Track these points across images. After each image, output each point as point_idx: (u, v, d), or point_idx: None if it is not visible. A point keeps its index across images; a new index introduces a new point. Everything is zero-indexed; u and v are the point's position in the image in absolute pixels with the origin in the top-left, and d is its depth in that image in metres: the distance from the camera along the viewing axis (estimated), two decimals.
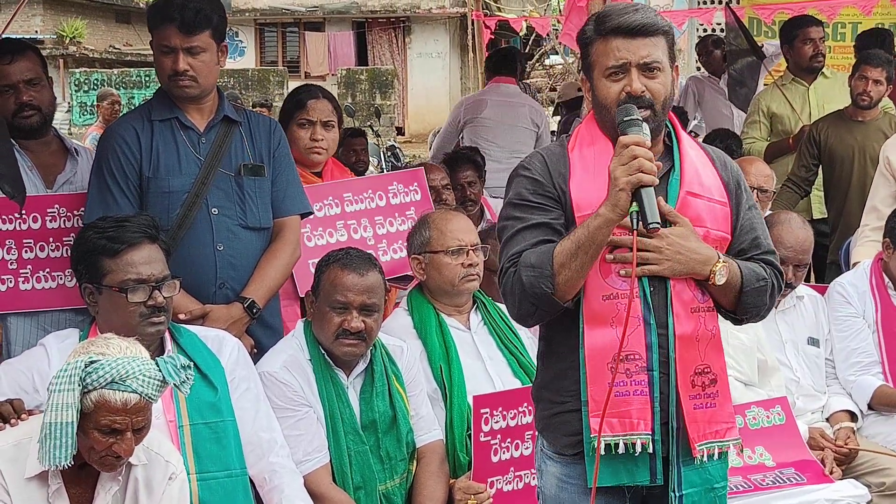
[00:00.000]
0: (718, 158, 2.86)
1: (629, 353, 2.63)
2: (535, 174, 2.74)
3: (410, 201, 4.76)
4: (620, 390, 2.64)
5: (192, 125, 3.79)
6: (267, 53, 26.96)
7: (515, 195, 2.75)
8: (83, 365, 2.67)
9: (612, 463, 2.66)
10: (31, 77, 3.86)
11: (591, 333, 2.66)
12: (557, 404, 2.77)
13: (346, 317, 3.54)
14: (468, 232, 4.05)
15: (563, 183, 2.71)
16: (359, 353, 3.61)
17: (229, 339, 3.48)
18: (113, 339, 2.81)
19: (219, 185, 3.77)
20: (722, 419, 2.76)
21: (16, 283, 3.80)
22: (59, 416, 2.65)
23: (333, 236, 4.48)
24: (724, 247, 2.76)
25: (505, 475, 3.69)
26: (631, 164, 2.49)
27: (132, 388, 2.68)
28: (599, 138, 2.74)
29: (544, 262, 2.60)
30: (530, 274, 2.61)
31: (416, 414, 3.73)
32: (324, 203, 4.46)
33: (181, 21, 3.65)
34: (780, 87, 6.79)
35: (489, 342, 4.02)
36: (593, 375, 2.65)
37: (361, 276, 3.58)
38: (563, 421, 2.75)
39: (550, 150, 2.84)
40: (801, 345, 4.47)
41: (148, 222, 3.32)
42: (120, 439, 2.71)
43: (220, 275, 3.75)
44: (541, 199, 2.71)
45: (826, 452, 4.09)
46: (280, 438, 3.42)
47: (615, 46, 2.66)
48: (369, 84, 22.25)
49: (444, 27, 25.27)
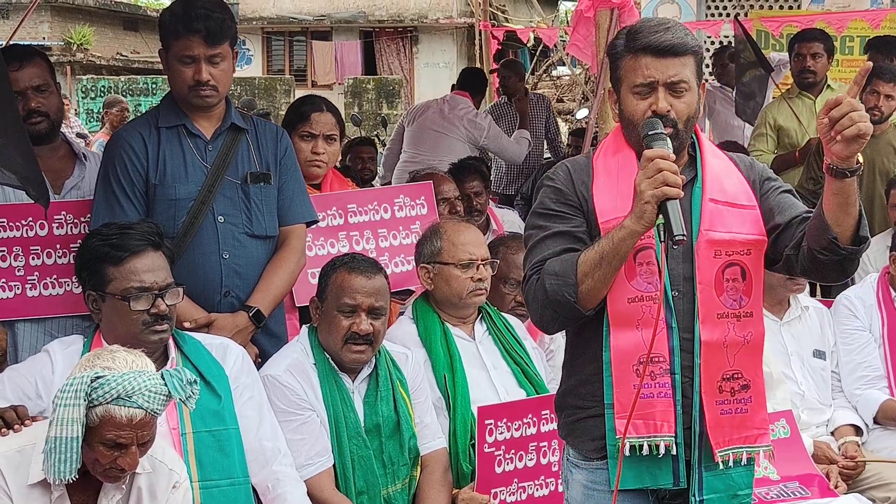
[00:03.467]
0: (743, 162, 2.88)
1: (653, 356, 2.65)
2: (558, 183, 2.79)
3: (416, 215, 4.74)
4: (645, 392, 2.66)
5: (200, 132, 3.79)
6: (274, 62, 26.99)
7: (539, 204, 2.80)
8: (89, 380, 2.66)
9: (636, 466, 2.68)
10: (40, 83, 3.87)
11: (616, 336, 2.68)
12: (581, 409, 2.79)
13: (354, 319, 3.54)
14: (479, 245, 4.05)
15: (585, 191, 2.75)
16: (366, 360, 3.61)
17: (233, 347, 3.47)
18: (119, 353, 2.81)
19: (225, 193, 3.76)
20: (754, 425, 2.77)
21: (23, 289, 3.81)
22: (65, 430, 2.65)
23: (335, 247, 4.47)
24: (760, 249, 2.75)
25: (509, 486, 3.68)
26: (656, 177, 2.51)
27: (138, 404, 2.68)
28: (623, 148, 2.77)
29: (568, 271, 2.63)
30: (553, 282, 2.64)
31: (420, 422, 3.72)
32: (327, 213, 4.44)
33: (206, 32, 3.64)
34: (788, 100, 6.79)
35: (494, 352, 4.01)
36: (619, 377, 2.67)
37: (369, 278, 3.59)
38: (588, 426, 2.77)
39: (576, 160, 2.88)
40: (807, 357, 4.46)
41: (152, 229, 3.31)
42: (124, 453, 2.71)
43: (225, 283, 3.75)
44: (563, 208, 2.75)
45: (831, 466, 4.08)
46: (283, 447, 3.42)
47: (644, 64, 2.68)
48: (376, 93, 22.24)
49: (451, 37, 25.30)
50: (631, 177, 2.62)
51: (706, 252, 2.69)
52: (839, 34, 8.45)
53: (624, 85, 2.73)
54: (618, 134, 2.82)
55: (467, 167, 5.93)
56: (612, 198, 2.69)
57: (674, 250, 2.69)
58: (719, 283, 2.70)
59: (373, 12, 25.59)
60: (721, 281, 2.70)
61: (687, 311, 2.70)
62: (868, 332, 4.48)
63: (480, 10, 12.38)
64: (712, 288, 2.69)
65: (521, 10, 25.84)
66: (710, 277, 2.69)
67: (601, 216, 2.70)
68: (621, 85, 2.75)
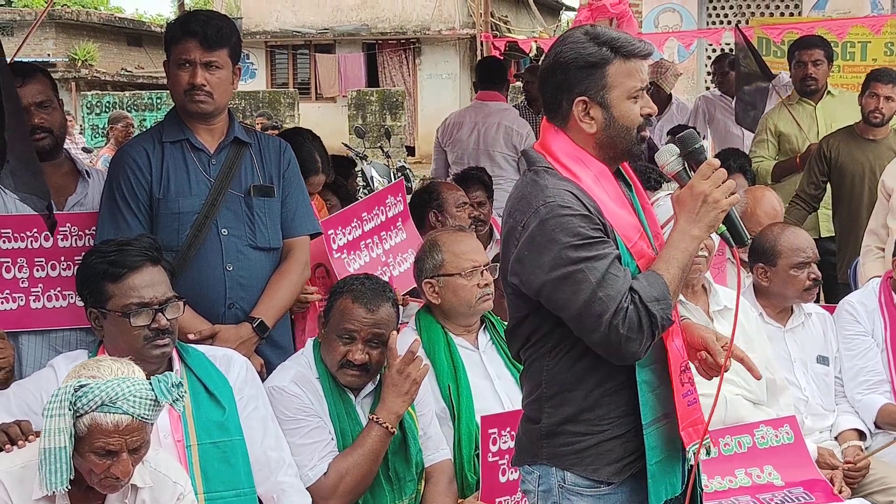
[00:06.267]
0: None
1: (685, 363, 2.73)
2: (579, 209, 2.59)
3: (397, 213, 4.92)
4: (690, 399, 2.72)
5: (203, 146, 3.82)
6: (278, 75, 27.06)
7: (572, 234, 2.56)
8: (73, 390, 2.68)
9: (662, 480, 2.69)
10: (42, 100, 3.89)
11: (671, 346, 2.70)
12: (590, 435, 2.69)
13: (351, 347, 3.54)
14: (480, 252, 4.06)
15: (599, 215, 2.64)
16: (362, 384, 3.61)
17: (237, 359, 3.48)
18: (105, 361, 2.82)
19: (228, 206, 3.79)
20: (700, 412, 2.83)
21: (26, 301, 3.82)
22: (53, 441, 2.66)
23: (361, 258, 4.62)
24: None
25: (513, 496, 3.68)
26: (727, 185, 2.57)
27: (123, 410, 2.68)
28: (592, 162, 2.70)
29: (665, 294, 2.57)
30: (658, 307, 2.55)
31: (424, 433, 3.72)
32: (351, 227, 4.58)
33: (203, 35, 3.69)
34: (788, 106, 6.81)
35: (498, 361, 4.01)
36: (676, 388, 2.69)
37: (370, 311, 3.56)
38: (603, 450, 2.69)
39: (563, 186, 2.64)
40: (810, 363, 4.46)
41: (150, 244, 3.31)
42: (116, 461, 2.71)
43: (229, 295, 3.77)
44: (600, 234, 2.60)
45: (835, 471, 4.08)
46: (288, 458, 3.42)
47: (639, 68, 2.69)
48: (379, 105, 22.30)
49: (454, 48, 25.35)
50: (617, 192, 2.67)
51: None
52: (840, 40, 8.45)
53: (616, 91, 2.67)
54: (567, 146, 2.71)
55: (470, 177, 5.94)
56: (624, 220, 2.68)
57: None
58: None
59: (375, 25, 25.65)
60: None
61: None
62: (870, 336, 4.48)
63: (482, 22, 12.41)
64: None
65: (523, 21, 25.90)
66: None
67: (627, 240, 2.66)
68: (610, 91, 2.67)
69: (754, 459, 3.90)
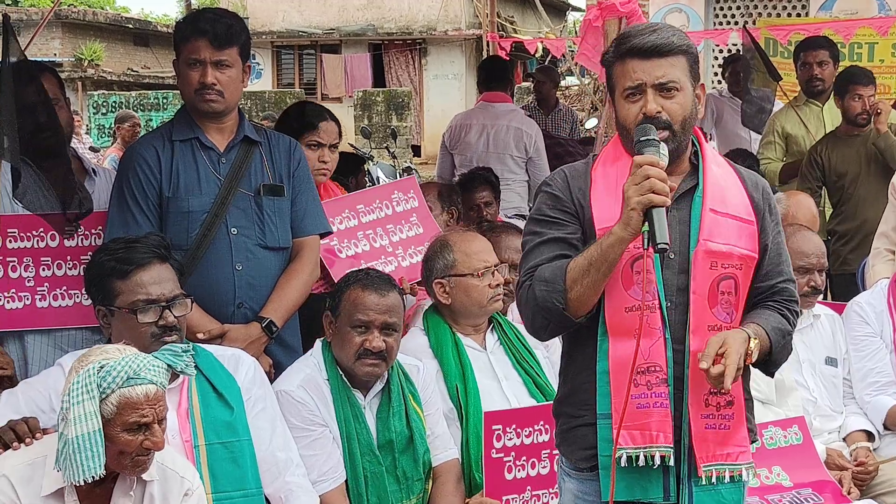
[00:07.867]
0: (749, 179, 2.87)
1: (651, 365, 2.64)
2: (555, 190, 2.80)
3: (411, 208, 4.90)
4: (641, 402, 2.64)
5: (213, 145, 3.82)
6: (284, 76, 27.06)
7: (536, 210, 2.82)
8: (95, 371, 2.69)
9: (627, 477, 2.67)
10: (50, 98, 3.89)
11: (615, 345, 2.67)
12: (574, 418, 2.78)
13: (367, 336, 3.55)
14: (490, 252, 4.07)
15: (582, 198, 2.75)
16: (379, 374, 3.61)
17: (245, 358, 3.48)
18: (105, 346, 2.85)
19: (238, 206, 3.79)
20: (734, 442, 2.75)
21: (33, 300, 3.83)
22: (83, 427, 2.66)
23: (358, 246, 4.60)
24: (751, 266, 2.75)
25: (521, 494, 3.68)
26: (643, 184, 2.51)
27: (148, 379, 2.71)
28: (622, 156, 2.76)
29: (557, 278, 2.63)
30: (543, 288, 2.65)
31: (432, 433, 3.72)
32: (343, 216, 4.57)
33: (213, 34, 3.68)
34: (795, 107, 6.80)
35: (505, 362, 4.01)
36: (617, 387, 2.65)
37: (382, 296, 3.59)
38: (579, 434, 2.76)
39: (575, 167, 2.88)
40: (819, 365, 4.45)
41: (158, 242, 3.33)
42: (150, 433, 2.73)
43: (238, 295, 3.77)
44: (558, 215, 2.75)
45: (844, 472, 4.06)
46: (296, 458, 3.42)
47: (631, 68, 2.69)
48: (385, 105, 22.30)
49: (460, 49, 25.34)
50: (615, 180, 2.66)
51: (703, 262, 2.68)
52: (847, 41, 8.45)
53: (616, 91, 2.74)
54: (617, 142, 2.83)
55: (476, 177, 5.93)
56: (610, 206, 2.68)
57: (669, 261, 2.68)
58: (713, 294, 2.69)
59: (382, 25, 25.65)
60: (715, 293, 2.69)
61: (679, 322, 2.68)
62: (879, 338, 4.47)
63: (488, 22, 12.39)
64: (706, 299, 2.68)
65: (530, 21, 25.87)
66: (704, 288, 2.68)
67: (598, 223, 2.69)
68: (615, 92, 2.75)
69: (763, 460, 3.88)
